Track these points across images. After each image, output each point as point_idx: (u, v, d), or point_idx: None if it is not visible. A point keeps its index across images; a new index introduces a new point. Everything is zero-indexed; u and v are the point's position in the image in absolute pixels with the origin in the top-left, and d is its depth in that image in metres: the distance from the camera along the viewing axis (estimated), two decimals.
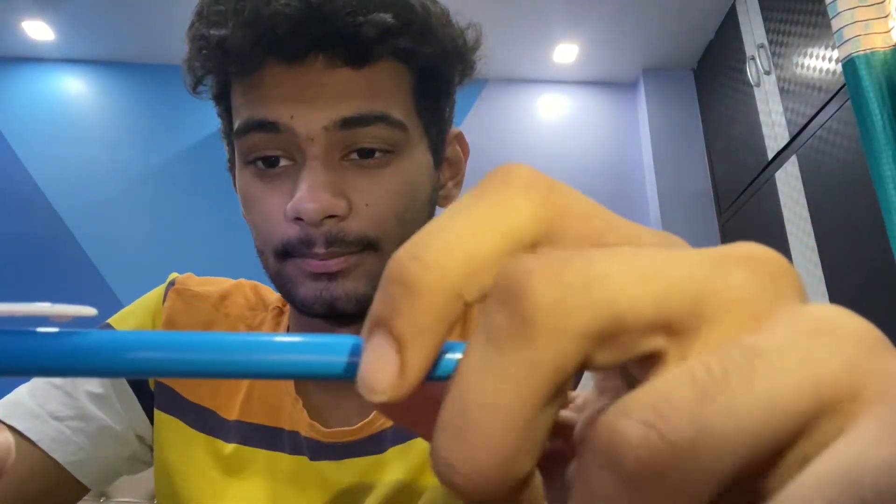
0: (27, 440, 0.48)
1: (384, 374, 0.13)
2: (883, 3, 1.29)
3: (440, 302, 0.13)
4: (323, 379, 0.15)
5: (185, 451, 0.51)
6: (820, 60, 1.80)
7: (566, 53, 2.58)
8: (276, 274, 0.47)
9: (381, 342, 0.14)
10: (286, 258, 0.45)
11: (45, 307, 0.15)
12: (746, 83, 2.20)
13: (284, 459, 0.50)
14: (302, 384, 0.52)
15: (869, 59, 1.29)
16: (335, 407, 0.51)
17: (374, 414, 0.49)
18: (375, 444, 0.49)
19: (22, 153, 2.38)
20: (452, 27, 0.48)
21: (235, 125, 0.46)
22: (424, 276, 0.13)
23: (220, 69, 0.46)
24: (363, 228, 0.44)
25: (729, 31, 2.35)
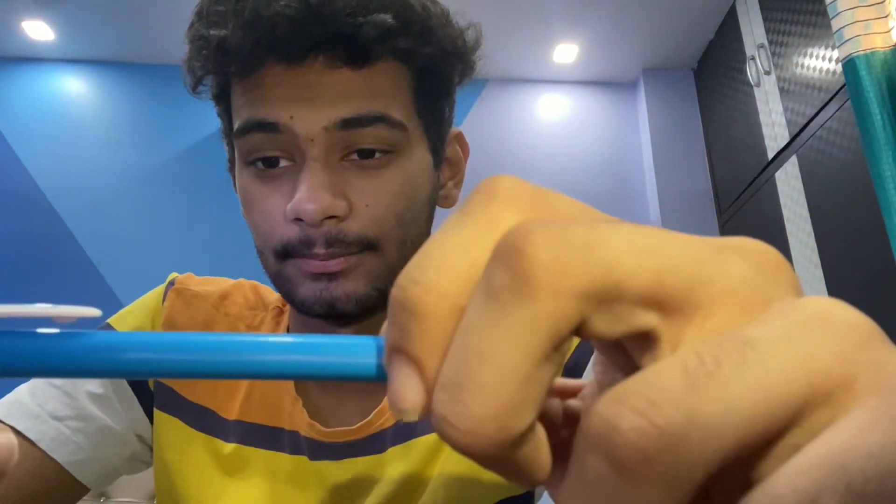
0: (27, 440, 0.48)
1: (410, 395, 0.14)
2: (883, 3, 1.29)
3: (445, 320, 0.14)
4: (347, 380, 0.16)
5: (184, 450, 0.51)
6: (820, 60, 1.80)
7: (566, 53, 2.58)
8: (275, 274, 0.47)
9: (401, 367, 0.14)
10: (286, 258, 0.45)
11: (48, 308, 0.15)
12: (746, 83, 2.20)
13: (284, 459, 0.50)
14: (302, 384, 0.52)
15: (869, 59, 1.29)
16: (335, 407, 0.51)
17: (373, 414, 0.49)
18: (375, 443, 0.49)
19: (22, 153, 2.38)
20: (452, 27, 0.48)
21: (235, 125, 0.46)
22: (426, 299, 0.14)
23: (220, 69, 0.46)
24: (363, 229, 0.44)
25: (729, 31, 2.35)
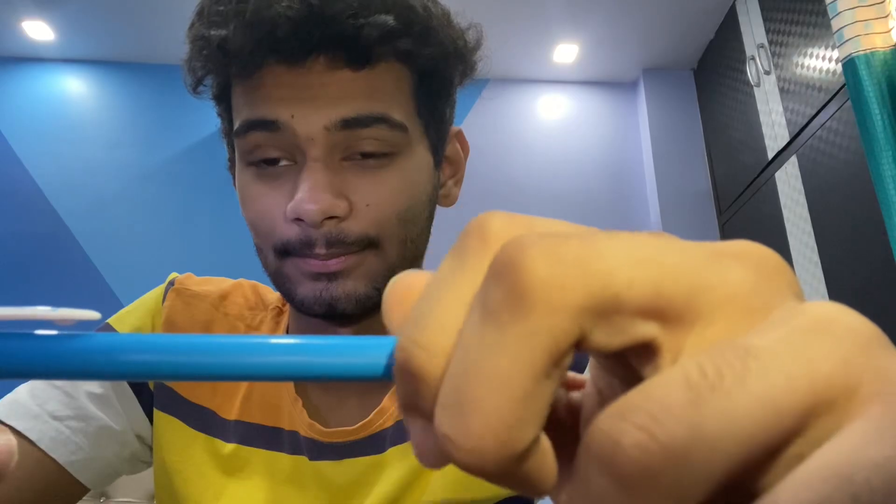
0: (27, 440, 0.48)
1: (431, 449, 0.15)
2: (883, 3, 1.29)
3: None
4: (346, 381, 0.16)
5: (184, 450, 0.51)
6: (820, 60, 1.80)
7: (566, 53, 2.58)
8: (275, 272, 0.47)
9: (417, 423, 0.15)
10: (286, 256, 0.45)
11: (48, 311, 0.15)
12: (746, 83, 2.20)
13: (284, 459, 0.50)
14: (301, 384, 0.52)
15: (869, 59, 1.29)
16: (335, 407, 0.51)
17: (373, 414, 0.49)
18: (375, 444, 0.49)
19: (22, 153, 2.38)
20: (453, 28, 0.48)
21: (236, 125, 0.46)
22: (429, 362, 0.14)
23: (220, 70, 0.46)
24: (364, 229, 0.44)
25: (729, 31, 2.34)
